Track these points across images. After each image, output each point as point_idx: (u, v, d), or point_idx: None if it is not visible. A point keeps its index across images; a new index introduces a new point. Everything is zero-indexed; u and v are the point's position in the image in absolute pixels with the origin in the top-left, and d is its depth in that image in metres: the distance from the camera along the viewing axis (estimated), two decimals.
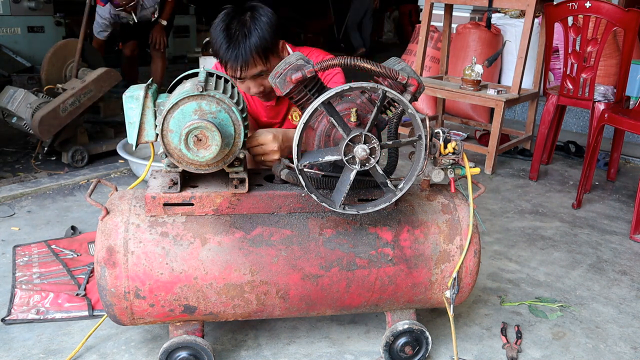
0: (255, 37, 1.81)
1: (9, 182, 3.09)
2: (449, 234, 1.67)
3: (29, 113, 3.20)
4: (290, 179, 1.59)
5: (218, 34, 1.84)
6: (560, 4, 3.28)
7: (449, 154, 1.57)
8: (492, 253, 2.58)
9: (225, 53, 1.82)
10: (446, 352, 1.87)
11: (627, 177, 3.74)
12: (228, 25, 1.83)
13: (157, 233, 1.52)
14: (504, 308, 2.15)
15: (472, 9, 5.18)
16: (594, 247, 2.71)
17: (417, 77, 1.50)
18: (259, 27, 1.82)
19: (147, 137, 1.51)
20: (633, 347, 1.96)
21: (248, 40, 1.81)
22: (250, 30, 1.81)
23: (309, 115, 1.37)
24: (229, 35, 1.81)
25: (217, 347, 1.83)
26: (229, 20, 1.84)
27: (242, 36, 1.81)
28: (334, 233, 1.59)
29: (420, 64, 4.22)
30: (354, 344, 1.89)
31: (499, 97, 3.59)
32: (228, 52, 1.81)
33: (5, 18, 4.86)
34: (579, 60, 3.26)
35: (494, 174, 3.69)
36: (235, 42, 1.81)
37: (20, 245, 2.42)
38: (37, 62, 4.66)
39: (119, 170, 3.39)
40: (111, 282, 1.49)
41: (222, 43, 1.82)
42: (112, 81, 3.48)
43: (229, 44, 1.81)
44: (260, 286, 1.56)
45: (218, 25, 1.85)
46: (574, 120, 4.80)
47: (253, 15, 1.84)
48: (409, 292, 1.68)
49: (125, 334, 1.87)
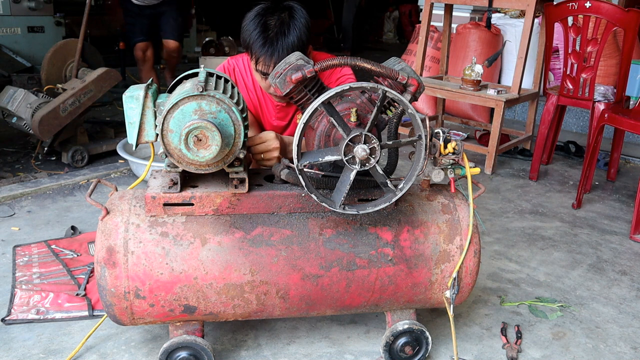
0: (294, 36, 1.83)
1: (9, 182, 3.09)
2: (449, 234, 1.67)
3: (29, 113, 3.20)
4: (290, 179, 1.59)
5: (253, 29, 1.85)
6: (560, 4, 3.28)
7: (449, 154, 1.57)
8: (492, 253, 2.58)
9: (260, 49, 1.84)
10: (446, 352, 1.87)
11: (627, 177, 3.74)
12: (266, 21, 1.84)
13: (157, 233, 1.52)
14: (504, 308, 2.15)
15: (472, 9, 5.19)
16: (594, 247, 2.71)
17: (417, 77, 1.50)
18: (297, 28, 1.84)
19: (147, 137, 1.51)
20: (633, 347, 1.96)
21: (286, 39, 1.83)
22: (289, 29, 1.83)
23: (309, 115, 1.37)
24: (266, 32, 1.83)
25: (217, 347, 1.83)
26: (266, 16, 1.85)
27: (280, 34, 1.83)
28: (334, 233, 1.59)
29: (420, 64, 4.22)
30: (354, 344, 1.89)
31: (499, 97, 3.59)
32: (264, 48, 1.83)
33: (5, 18, 4.86)
34: (579, 60, 3.26)
35: (494, 174, 3.69)
36: (273, 40, 1.82)
37: (20, 245, 2.42)
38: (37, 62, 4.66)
39: (119, 170, 3.39)
40: (111, 282, 1.49)
41: (257, 38, 1.84)
42: (112, 81, 3.47)
43: (265, 40, 1.83)
44: (260, 286, 1.56)
45: (254, 20, 1.86)
46: (574, 120, 4.80)
47: (292, 14, 1.86)
48: (409, 292, 1.68)
49: (125, 334, 1.87)
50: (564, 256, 2.60)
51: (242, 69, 2.12)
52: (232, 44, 5.93)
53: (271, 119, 2.17)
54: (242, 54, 2.16)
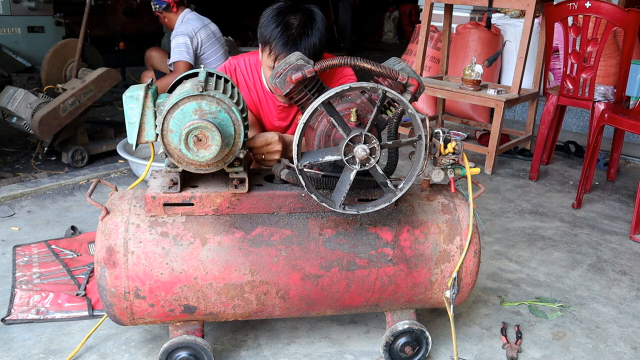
0: (316, 38, 1.86)
1: (9, 182, 3.09)
2: (449, 234, 1.67)
3: (29, 113, 3.20)
4: (290, 179, 1.59)
5: (275, 26, 1.86)
6: (560, 4, 3.28)
7: (449, 154, 1.57)
8: (492, 253, 2.58)
9: (282, 47, 1.85)
10: (446, 352, 1.87)
11: (627, 177, 3.74)
12: (288, 20, 1.86)
13: (157, 233, 1.52)
14: (504, 308, 2.15)
15: (472, 9, 5.19)
16: (594, 247, 2.71)
17: (417, 77, 1.50)
18: (319, 30, 1.87)
19: (147, 137, 1.51)
20: (633, 347, 1.96)
21: (309, 39, 1.85)
22: (313, 30, 1.86)
23: (309, 115, 1.37)
24: (288, 31, 1.84)
25: (217, 347, 1.83)
26: (288, 14, 1.87)
27: (304, 34, 1.85)
28: (334, 233, 1.59)
29: (420, 64, 4.22)
30: (354, 344, 1.89)
31: (499, 97, 3.59)
32: (286, 46, 1.84)
33: (5, 18, 4.86)
34: (579, 60, 3.26)
35: (494, 174, 3.69)
36: (297, 39, 1.84)
37: (20, 245, 2.42)
38: (37, 62, 4.66)
39: (119, 170, 3.39)
40: (111, 282, 1.49)
41: (279, 36, 1.84)
42: (112, 81, 3.47)
43: (287, 38, 1.84)
44: (260, 286, 1.56)
45: (276, 18, 1.87)
46: (574, 120, 4.80)
47: (313, 17, 1.88)
48: (409, 292, 1.68)
49: (125, 334, 1.87)
50: (564, 256, 2.60)
51: (243, 69, 2.12)
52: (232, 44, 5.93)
53: (273, 119, 2.17)
54: (243, 54, 2.15)
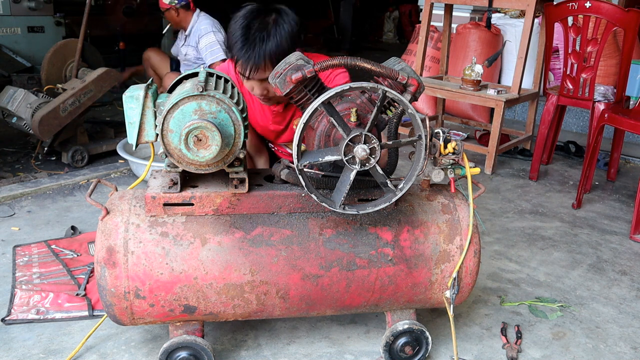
0: (273, 43, 1.78)
1: (9, 182, 3.09)
2: (449, 234, 1.67)
3: (29, 113, 3.20)
4: (290, 179, 1.59)
5: (237, 30, 1.81)
6: (560, 4, 3.28)
7: (449, 154, 1.57)
8: (492, 253, 2.58)
9: (239, 51, 1.80)
10: (446, 352, 1.87)
11: (627, 177, 3.74)
12: (249, 23, 1.80)
13: (157, 233, 1.52)
14: (504, 308, 2.15)
15: (472, 9, 5.19)
16: (594, 247, 2.71)
17: (417, 77, 1.50)
18: (279, 34, 1.79)
19: (147, 137, 1.51)
20: (633, 347, 1.96)
21: (265, 45, 1.77)
22: (269, 34, 1.78)
23: (309, 115, 1.37)
24: (247, 35, 1.79)
25: (217, 347, 1.83)
26: (251, 18, 1.81)
27: (259, 39, 1.78)
28: (334, 233, 1.59)
29: (420, 64, 4.22)
30: (354, 344, 1.89)
31: (499, 97, 3.59)
32: (242, 51, 1.79)
33: (5, 18, 4.86)
34: (579, 60, 3.26)
35: (494, 174, 3.69)
36: (252, 44, 1.78)
37: (20, 245, 2.42)
38: (37, 62, 4.66)
39: (119, 170, 3.39)
40: (111, 282, 1.49)
41: (238, 40, 1.80)
42: (112, 81, 3.47)
43: (244, 43, 1.79)
44: (260, 286, 1.56)
45: (239, 21, 1.82)
46: (574, 120, 4.80)
47: (277, 19, 1.81)
48: (409, 292, 1.68)
49: (125, 334, 1.87)
50: (564, 256, 2.60)
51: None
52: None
53: (268, 123, 2.16)
54: None
